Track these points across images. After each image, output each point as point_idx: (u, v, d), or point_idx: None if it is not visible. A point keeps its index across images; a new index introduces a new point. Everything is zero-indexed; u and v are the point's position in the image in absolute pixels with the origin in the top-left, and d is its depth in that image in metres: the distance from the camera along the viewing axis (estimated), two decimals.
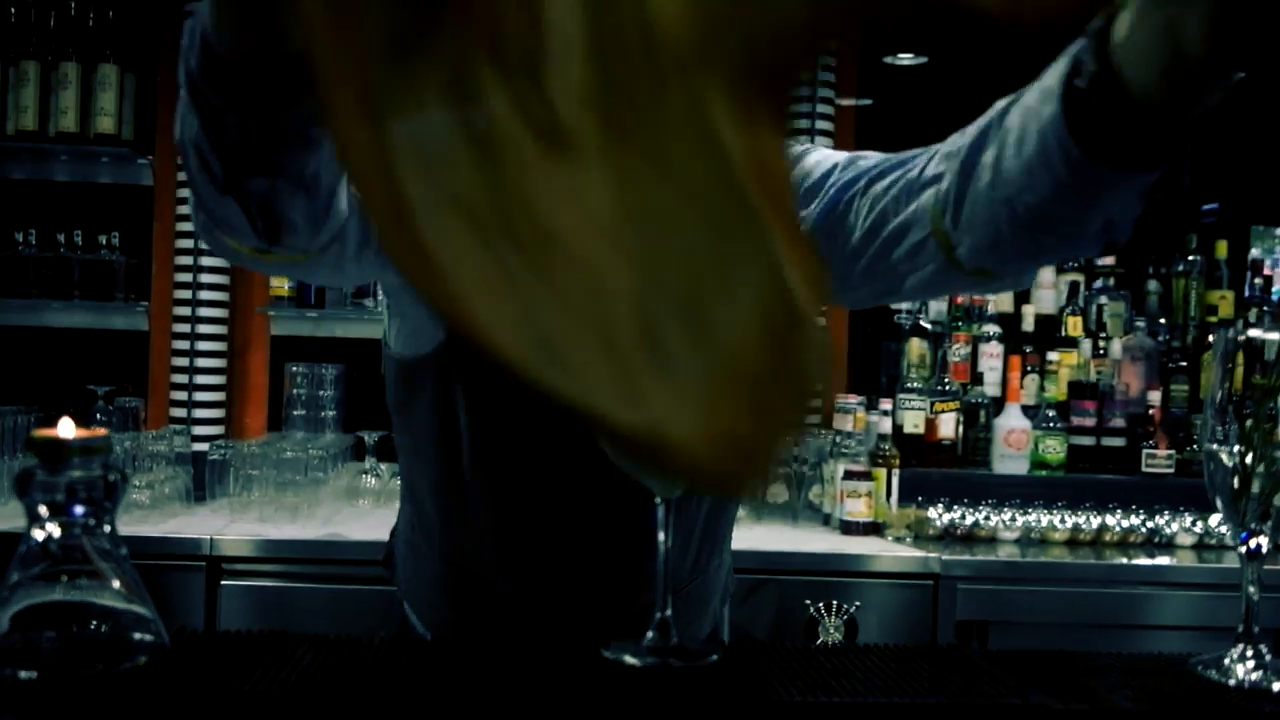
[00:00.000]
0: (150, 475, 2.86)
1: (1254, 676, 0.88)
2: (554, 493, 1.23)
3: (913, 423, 3.14)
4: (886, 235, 1.03)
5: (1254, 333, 0.90)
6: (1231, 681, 0.88)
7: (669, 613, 0.94)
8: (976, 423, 3.22)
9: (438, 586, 1.35)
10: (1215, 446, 0.92)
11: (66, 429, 0.86)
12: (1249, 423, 0.90)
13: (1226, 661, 0.90)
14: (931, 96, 3.68)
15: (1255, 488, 0.90)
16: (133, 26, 3.28)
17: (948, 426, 3.16)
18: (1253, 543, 0.91)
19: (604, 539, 1.25)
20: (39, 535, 0.85)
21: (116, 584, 0.86)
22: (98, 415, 3.12)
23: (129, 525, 2.67)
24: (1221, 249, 3.33)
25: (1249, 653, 0.90)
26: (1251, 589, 0.91)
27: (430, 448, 1.28)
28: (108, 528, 0.87)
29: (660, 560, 0.94)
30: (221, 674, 0.84)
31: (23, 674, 0.80)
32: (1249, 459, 0.90)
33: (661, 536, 0.94)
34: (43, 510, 0.85)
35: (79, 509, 0.85)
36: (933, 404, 3.14)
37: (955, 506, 2.94)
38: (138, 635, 0.85)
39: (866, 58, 3.57)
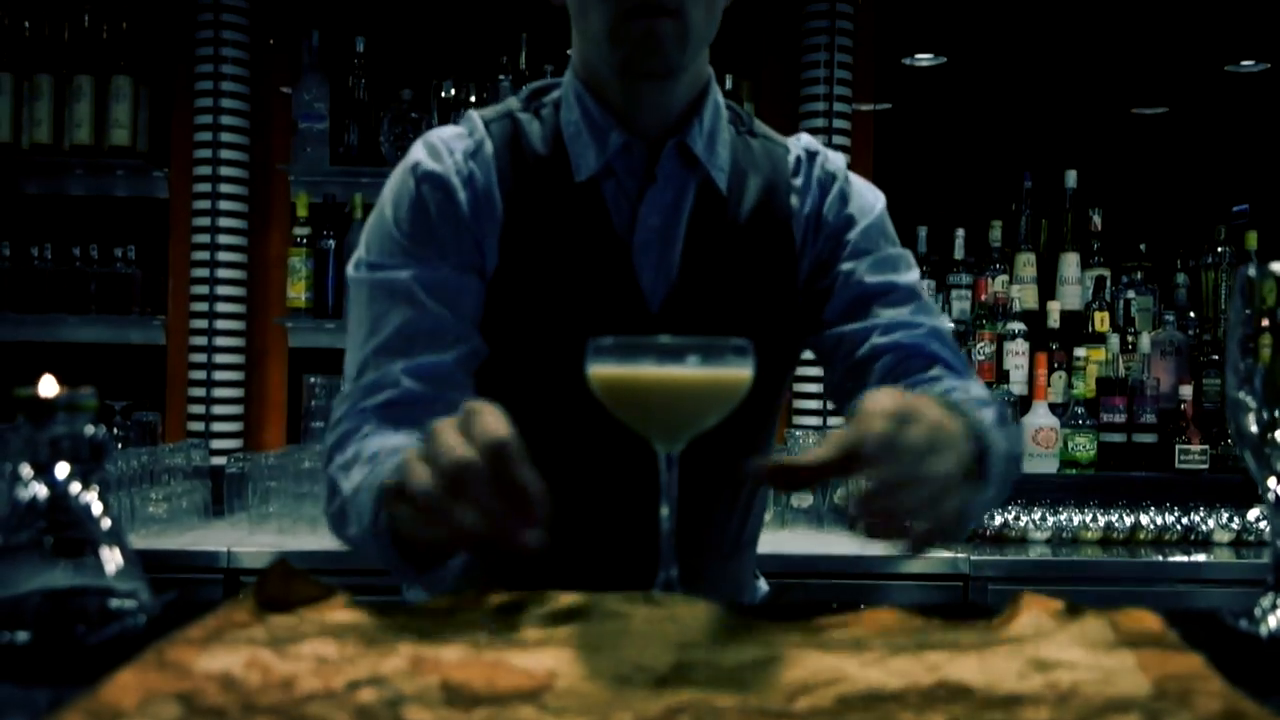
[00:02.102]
0: (168, 489, 2.84)
1: None
2: (570, 445, 1.28)
3: None
4: None
5: (1276, 266, 0.86)
6: (1263, 631, 0.85)
7: (674, 572, 0.91)
8: None
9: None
10: (1240, 395, 0.88)
11: (49, 387, 0.84)
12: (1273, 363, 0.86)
13: (1257, 612, 0.86)
14: (950, 99, 3.64)
15: None
16: (147, 38, 3.28)
17: None
18: None
19: (620, 487, 1.28)
20: (24, 495, 0.83)
21: (104, 548, 0.84)
22: (115, 430, 3.11)
23: (147, 539, 2.66)
24: (1251, 239, 3.24)
25: (1279, 602, 0.86)
26: None
27: None
28: (95, 488, 0.85)
29: (664, 518, 0.91)
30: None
31: (19, 636, 0.78)
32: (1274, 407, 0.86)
33: (664, 507, 0.91)
34: (27, 469, 0.83)
35: (64, 467, 0.83)
36: None
37: None
38: (122, 602, 0.83)
39: (884, 59, 3.53)
